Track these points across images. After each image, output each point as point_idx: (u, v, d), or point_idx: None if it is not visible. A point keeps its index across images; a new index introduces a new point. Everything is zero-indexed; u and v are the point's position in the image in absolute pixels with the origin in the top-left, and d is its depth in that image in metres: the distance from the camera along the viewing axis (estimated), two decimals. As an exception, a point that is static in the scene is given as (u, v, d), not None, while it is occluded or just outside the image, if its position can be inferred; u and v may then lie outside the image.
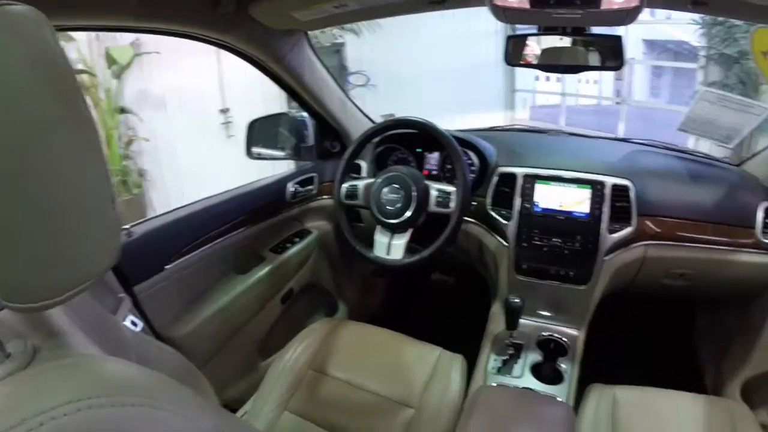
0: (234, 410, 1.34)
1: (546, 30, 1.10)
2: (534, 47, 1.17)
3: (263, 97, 3.66)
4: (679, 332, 1.88)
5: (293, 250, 1.43)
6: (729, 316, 1.59)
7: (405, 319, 1.87)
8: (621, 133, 5.94)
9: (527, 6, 0.84)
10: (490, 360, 1.29)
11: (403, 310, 2.01)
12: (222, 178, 4.80)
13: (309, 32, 1.30)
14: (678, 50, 8.86)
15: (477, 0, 0.99)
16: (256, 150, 1.48)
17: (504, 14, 0.90)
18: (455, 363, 1.20)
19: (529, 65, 1.19)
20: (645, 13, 0.85)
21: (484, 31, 6.93)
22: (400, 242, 1.19)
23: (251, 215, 1.30)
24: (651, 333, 1.89)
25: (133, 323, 0.98)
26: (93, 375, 0.35)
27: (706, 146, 2.64)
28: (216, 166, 4.70)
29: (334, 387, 1.16)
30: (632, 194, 1.26)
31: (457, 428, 0.90)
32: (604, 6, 0.82)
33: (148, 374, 0.36)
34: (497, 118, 7.20)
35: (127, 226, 1.05)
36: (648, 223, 1.28)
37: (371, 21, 4.18)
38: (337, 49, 5.39)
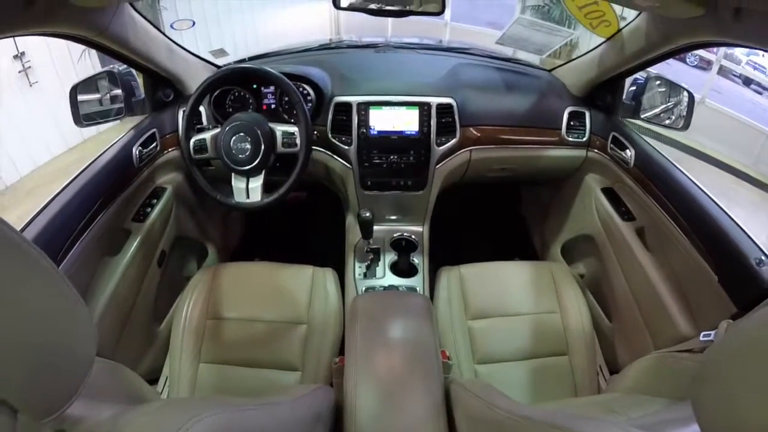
0: (155, 380, 1.40)
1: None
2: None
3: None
4: (509, 209, 2.30)
5: (154, 213, 1.41)
6: (545, 193, 1.99)
7: (269, 242, 2.01)
8: (448, 17, 6.30)
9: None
10: (355, 268, 1.50)
11: (264, 233, 2.13)
12: (31, 132, 3.98)
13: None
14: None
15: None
16: (84, 114, 1.36)
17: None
18: (328, 276, 1.40)
19: (355, 8, 1.24)
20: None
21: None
22: (257, 184, 1.27)
23: (106, 193, 1.24)
24: (486, 215, 2.29)
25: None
26: None
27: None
28: (21, 119, 3.91)
29: (234, 327, 1.29)
30: (455, 110, 1.46)
31: (346, 332, 1.06)
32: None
33: None
34: (323, 10, 6.99)
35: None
36: (471, 130, 1.51)
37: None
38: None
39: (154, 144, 1.43)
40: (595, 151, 1.59)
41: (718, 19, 0.88)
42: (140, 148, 1.36)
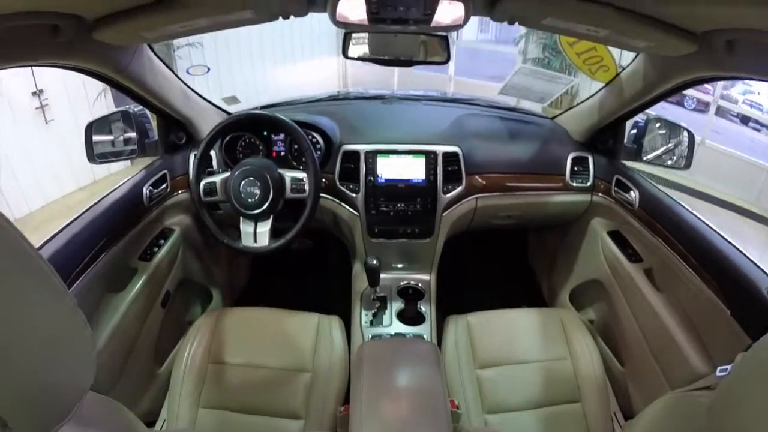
0: (153, 422, 1.36)
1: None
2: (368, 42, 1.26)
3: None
4: (516, 257, 2.29)
5: (161, 253, 1.41)
6: (552, 239, 1.98)
7: (275, 288, 1.99)
8: (452, 72, 6.48)
9: (366, 23, 0.94)
10: (362, 316, 1.49)
11: (270, 280, 2.13)
12: (44, 169, 4.04)
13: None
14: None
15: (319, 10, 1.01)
16: (98, 152, 1.39)
17: (345, 26, 0.99)
18: (334, 324, 1.38)
19: (363, 58, 1.28)
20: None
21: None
22: (265, 229, 1.29)
23: (115, 229, 1.25)
24: (493, 263, 2.28)
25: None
26: None
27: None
28: (35, 155, 4.01)
29: (236, 373, 1.26)
30: (461, 158, 1.48)
31: (351, 380, 1.03)
32: (434, 24, 0.94)
33: None
34: (332, 63, 7.29)
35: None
36: (477, 178, 1.53)
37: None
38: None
39: (164, 185, 1.45)
40: (600, 194, 1.60)
41: (711, 53, 0.91)
42: (151, 187, 1.38)
